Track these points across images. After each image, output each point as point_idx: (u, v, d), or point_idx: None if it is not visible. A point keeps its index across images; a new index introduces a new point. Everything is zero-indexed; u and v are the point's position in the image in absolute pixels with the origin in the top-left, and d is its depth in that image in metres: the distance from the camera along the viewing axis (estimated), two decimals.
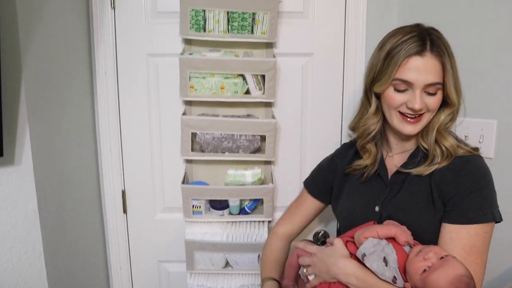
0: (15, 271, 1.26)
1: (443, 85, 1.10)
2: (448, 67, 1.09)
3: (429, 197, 1.12)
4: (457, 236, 1.06)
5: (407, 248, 1.04)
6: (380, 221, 1.16)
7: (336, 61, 1.70)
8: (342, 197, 1.30)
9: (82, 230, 1.65)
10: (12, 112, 1.20)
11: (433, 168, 1.12)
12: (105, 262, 1.86)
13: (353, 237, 1.10)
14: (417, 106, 1.08)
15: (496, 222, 1.09)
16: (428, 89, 1.08)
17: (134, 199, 1.81)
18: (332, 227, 1.75)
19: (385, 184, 1.20)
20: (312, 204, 1.42)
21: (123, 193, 1.80)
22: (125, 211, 1.82)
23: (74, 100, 1.58)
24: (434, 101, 1.10)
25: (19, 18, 1.19)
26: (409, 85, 1.08)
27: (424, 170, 1.13)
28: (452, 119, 1.16)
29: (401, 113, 1.12)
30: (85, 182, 1.69)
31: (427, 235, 1.09)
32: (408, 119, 1.12)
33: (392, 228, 1.07)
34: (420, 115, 1.11)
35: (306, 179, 1.47)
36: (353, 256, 1.06)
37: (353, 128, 1.33)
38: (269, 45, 1.67)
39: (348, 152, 1.35)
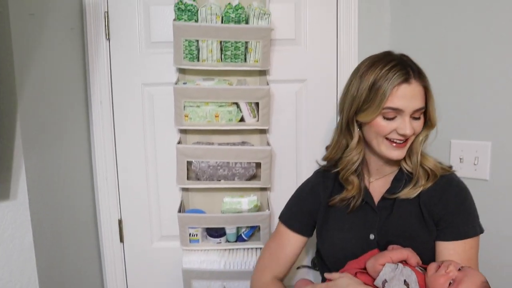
0: None
1: (426, 108, 1.15)
2: (430, 90, 1.14)
3: (421, 218, 1.16)
4: (454, 252, 1.11)
5: (418, 269, 1.06)
6: (378, 248, 1.16)
7: (329, 87, 1.72)
8: (329, 229, 1.26)
9: (78, 261, 1.63)
10: (7, 146, 1.20)
11: (419, 190, 1.16)
12: None
13: (361, 268, 1.10)
14: (408, 131, 1.11)
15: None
16: (414, 114, 1.12)
17: (131, 228, 1.80)
18: None
19: (374, 210, 1.21)
20: (297, 241, 1.33)
21: (120, 222, 1.79)
22: (121, 240, 1.81)
23: (69, 131, 1.59)
24: (419, 125, 1.15)
25: (14, 51, 1.20)
26: (398, 112, 1.11)
27: (411, 193, 1.17)
28: (427, 139, 1.21)
29: (387, 139, 1.15)
30: (82, 213, 1.69)
31: (425, 256, 1.11)
32: (394, 144, 1.14)
33: (403, 251, 1.09)
34: (407, 139, 1.15)
35: (283, 215, 1.38)
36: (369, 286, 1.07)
37: (330, 159, 1.32)
38: (263, 73, 1.69)
39: (327, 182, 1.32)
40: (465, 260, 1.09)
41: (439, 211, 1.14)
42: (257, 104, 1.62)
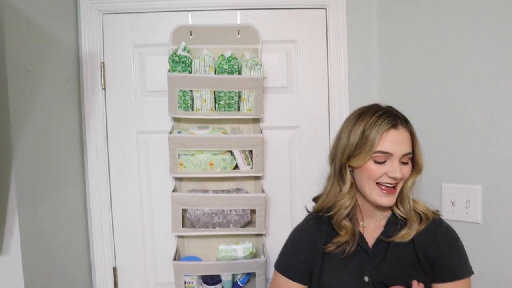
0: None
1: (413, 153, 1.20)
2: (416, 136, 1.20)
3: (417, 261, 1.18)
4: None
5: None
6: None
7: (322, 132, 1.75)
8: (326, 276, 1.24)
9: None
10: (1, 200, 1.21)
11: (413, 233, 1.19)
12: None
13: None
14: (398, 174, 1.15)
15: None
16: (403, 159, 1.17)
17: (126, 276, 1.79)
18: None
19: (369, 254, 1.22)
20: None
21: (114, 270, 1.78)
22: None
23: (65, 180, 1.60)
24: (408, 170, 1.19)
25: (10, 106, 1.22)
26: (388, 156, 1.16)
27: (406, 236, 1.19)
28: (414, 183, 1.24)
29: (378, 184, 1.18)
30: (76, 261, 1.68)
31: None
32: (385, 191, 1.18)
33: None
34: (395, 185, 1.18)
35: (280, 265, 1.32)
36: None
37: (323, 208, 1.30)
38: (256, 120, 1.72)
39: (322, 227, 1.30)
40: None
41: (434, 253, 1.17)
42: (251, 151, 1.64)
